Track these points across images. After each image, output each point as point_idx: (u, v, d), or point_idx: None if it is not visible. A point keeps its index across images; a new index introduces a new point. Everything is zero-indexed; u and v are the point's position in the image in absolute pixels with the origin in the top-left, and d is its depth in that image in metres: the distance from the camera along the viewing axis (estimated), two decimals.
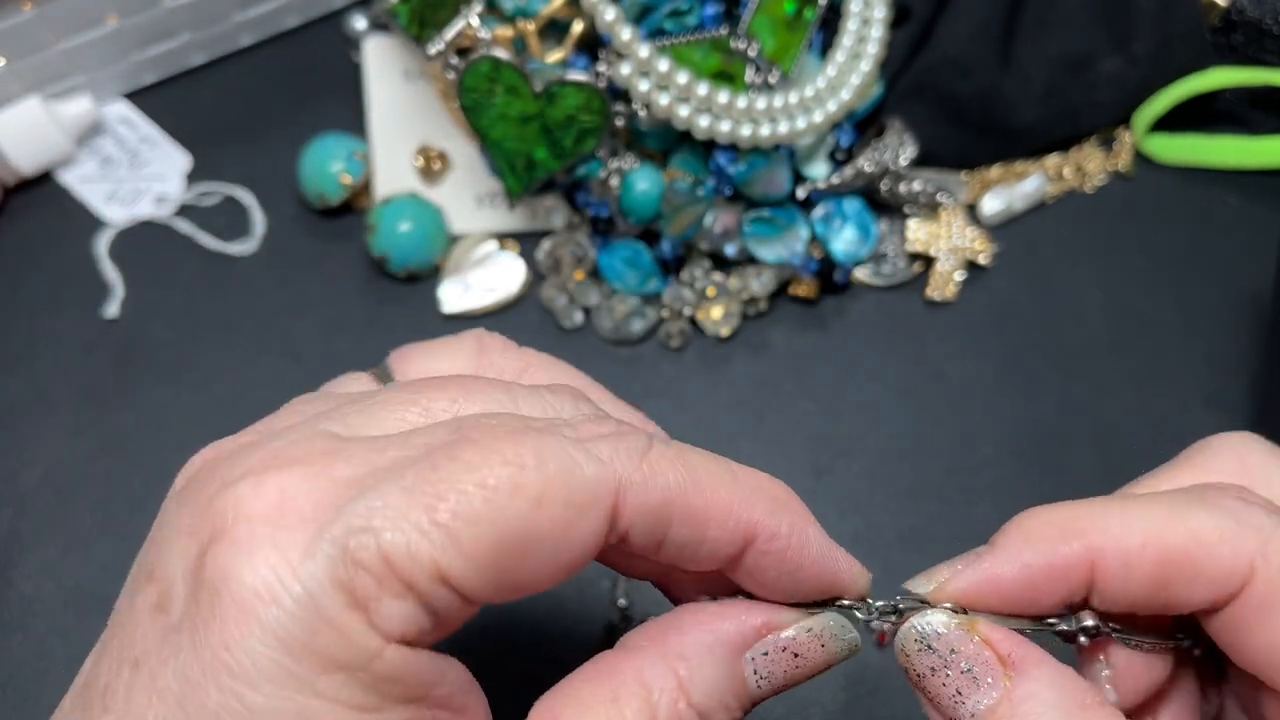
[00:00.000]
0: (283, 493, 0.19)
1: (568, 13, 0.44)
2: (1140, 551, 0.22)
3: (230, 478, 0.20)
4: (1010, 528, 0.24)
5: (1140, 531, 0.22)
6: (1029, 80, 0.49)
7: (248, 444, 0.22)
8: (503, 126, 0.43)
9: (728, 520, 0.22)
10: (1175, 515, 0.22)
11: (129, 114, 0.52)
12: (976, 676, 0.22)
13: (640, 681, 0.21)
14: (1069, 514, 0.23)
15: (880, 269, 0.48)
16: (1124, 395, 0.46)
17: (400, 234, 0.46)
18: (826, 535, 0.23)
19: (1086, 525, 0.23)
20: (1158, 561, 0.22)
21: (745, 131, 0.43)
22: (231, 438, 0.23)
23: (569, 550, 0.20)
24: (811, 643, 0.23)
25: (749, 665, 0.22)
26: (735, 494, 0.22)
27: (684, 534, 0.21)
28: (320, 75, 0.53)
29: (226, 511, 0.19)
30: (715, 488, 0.22)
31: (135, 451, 0.44)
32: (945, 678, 0.23)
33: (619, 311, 0.46)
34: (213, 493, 0.20)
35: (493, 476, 0.19)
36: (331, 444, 0.21)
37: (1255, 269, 0.48)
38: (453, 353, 0.27)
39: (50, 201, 0.50)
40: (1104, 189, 0.51)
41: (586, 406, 0.24)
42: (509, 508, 0.19)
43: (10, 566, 0.42)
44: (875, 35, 0.46)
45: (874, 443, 0.45)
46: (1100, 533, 0.22)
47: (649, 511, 0.21)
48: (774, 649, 0.23)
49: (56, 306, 0.47)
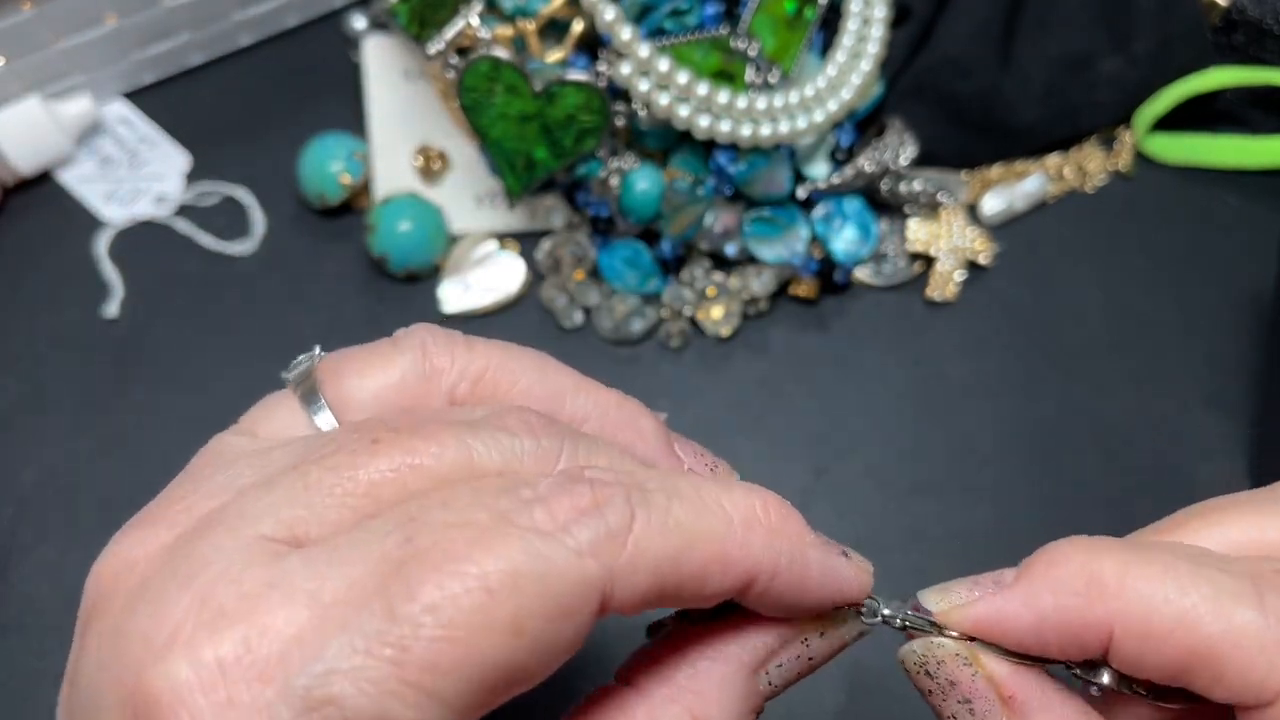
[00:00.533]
0: (222, 667, 0.17)
1: (568, 12, 0.44)
2: (1168, 634, 0.20)
3: (155, 641, 0.18)
4: (1040, 563, 0.22)
5: (1175, 613, 0.20)
6: (1029, 80, 0.49)
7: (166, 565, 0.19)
8: (502, 126, 0.43)
9: (726, 572, 0.20)
10: (1219, 604, 0.20)
11: (128, 114, 0.52)
12: (974, 710, 0.22)
13: None
14: (1104, 565, 0.21)
15: (880, 269, 0.48)
16: (1124, 395, 0.46)
17: (400, 234, 0.46)
18: (827, 547, 0.22)
19: (1118, 586, 0.20)
20: (1185, 650, 0.20)
21: (745, 131, 0.43)
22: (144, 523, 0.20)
23: (555, 660, 0.18)
24: (824, 647, 0.23)
25: (763, 678, 0.22)
26: (730, 541, 0.20)
27: (680, 593, 0.20)
28: (320, 75, 0.53)
29: (160, 696, 0.17)
30: (709, 542, 0.20)
31: (135, 451, 0.44)
32: (942, 701, 0.22)
33: (619, 311, 0.46)
34: (140, 662, 0.17)
35: (460, 614, 0.17)
36: (267, 574, 0.18)
37: (1256, 269, 0.49)
38: (390, 366, 0.24)
39: (49, 201, 0.50)
40: (1104, 189, 0.51)
41: (551, 440, 0.21)
42: (484, 646, 0.17)
43: (9, 567, 0.42)
44: (875, 35, 0.46)
45: (874, 442, 0.45)
46: (1130, 600, 0.20)
47: (640, 590, 0.19)
48: (787, 661, 0.22)
49: (56, 306, 0.47)
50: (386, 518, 0.19)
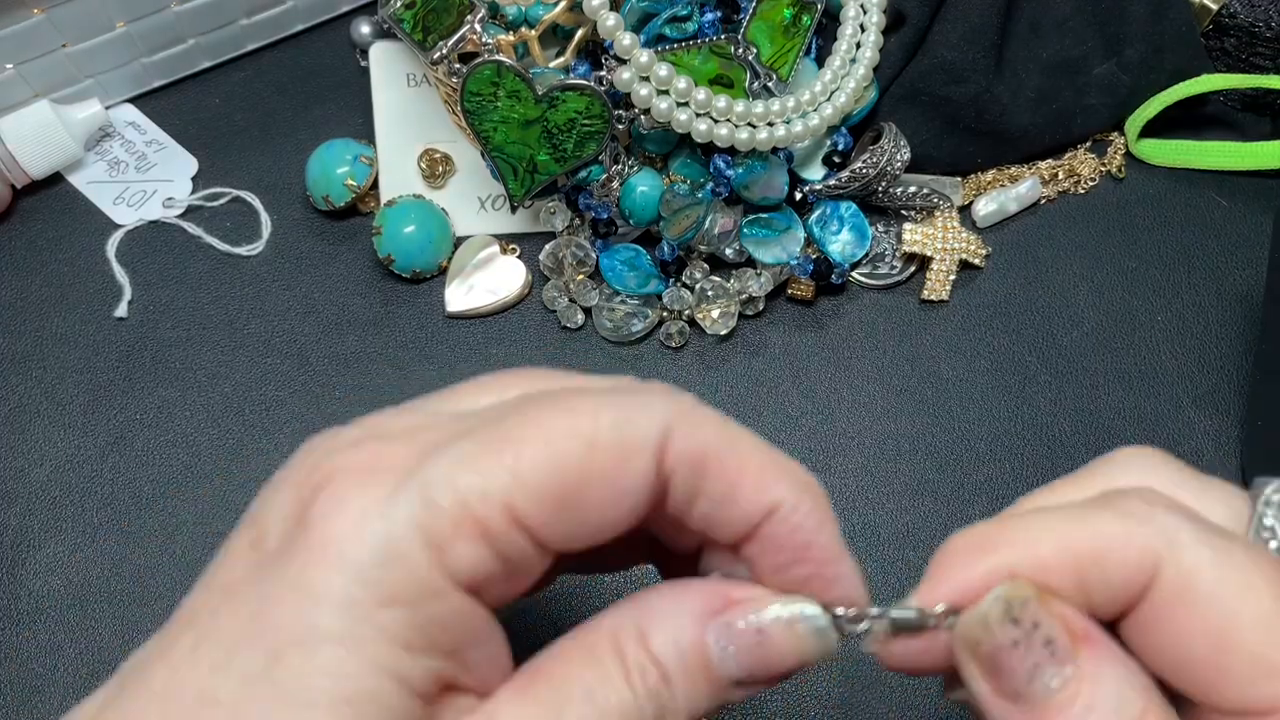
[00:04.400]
0: (379, 453, 0.22)
1: (569, 19, 0.45)
2: (1053, 559, 0.22)
3: (335, 446, 0.23)
4: (936, 555, 0.24)
5: (1050, 540, 0.23)
6: (1022, 85, 0.49)
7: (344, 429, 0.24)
8: (505, 131, 0.44)
9: (759, 483, 0.23)
10: (1081, 521, 0.23)
11: (137, 118, 0.52)
12: (1055, 650, 0.22)
13: (612, 633, 0.22)
14: (982, 532, 0.24)
15: (876, 270, 0.49)
16: (1116, 395, 0.46)
17: (405, 236, 0.47)
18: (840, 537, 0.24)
19: (998, 540, 0.23)
20: (1071, 567, 0.22)
21: (743, 136, 0.44)
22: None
23: (624, 489, 0.22)
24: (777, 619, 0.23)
25: (711, 634, 0.23)
26: (768, 462, 0.23)
27: (717, 489, 0.22)
28: (326, 80, 0.53)
29: (330, 469, 0.22)
30: (750, 452, 0.23)
31: (143, 450, 0.45)
32: (1026, 651, 0.22)
33: (619, 312, 0.47)
34: (319, 457, 0.22)
35: (552, 424, 0.21)
36: (422, 419, 0.23)
37: (1246, 270, 0.49)
38: None
39: (59, 204, 0.50)
40: (1096, 191, 0.51)
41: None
42: (568, 450, 0.21)
43: (19, 564, 0.42)
44: (871, 41, 0.47)
45: (869, 441, 0.45)
46: (1011, 545, 0.23)
47: (690, 459, 0.22)
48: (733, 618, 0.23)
49: (66, 307, 0.48)
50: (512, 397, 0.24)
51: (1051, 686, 0.22)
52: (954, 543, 0.24)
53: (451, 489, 0.21)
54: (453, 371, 0.47)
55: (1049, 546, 0.23)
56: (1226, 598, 0.22)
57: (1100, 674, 0.22)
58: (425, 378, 0.46)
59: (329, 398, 0.46)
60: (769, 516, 0.23)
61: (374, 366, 0.47)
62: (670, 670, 0.22)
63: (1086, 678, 0.22)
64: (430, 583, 0.20)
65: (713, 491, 0.23)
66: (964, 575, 0.23)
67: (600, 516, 0.22)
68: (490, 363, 0.47)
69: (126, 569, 0.42)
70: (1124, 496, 0.23)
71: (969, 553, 0.23)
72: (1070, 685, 0.22)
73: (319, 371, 0.47)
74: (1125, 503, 0.23)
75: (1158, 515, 0.22)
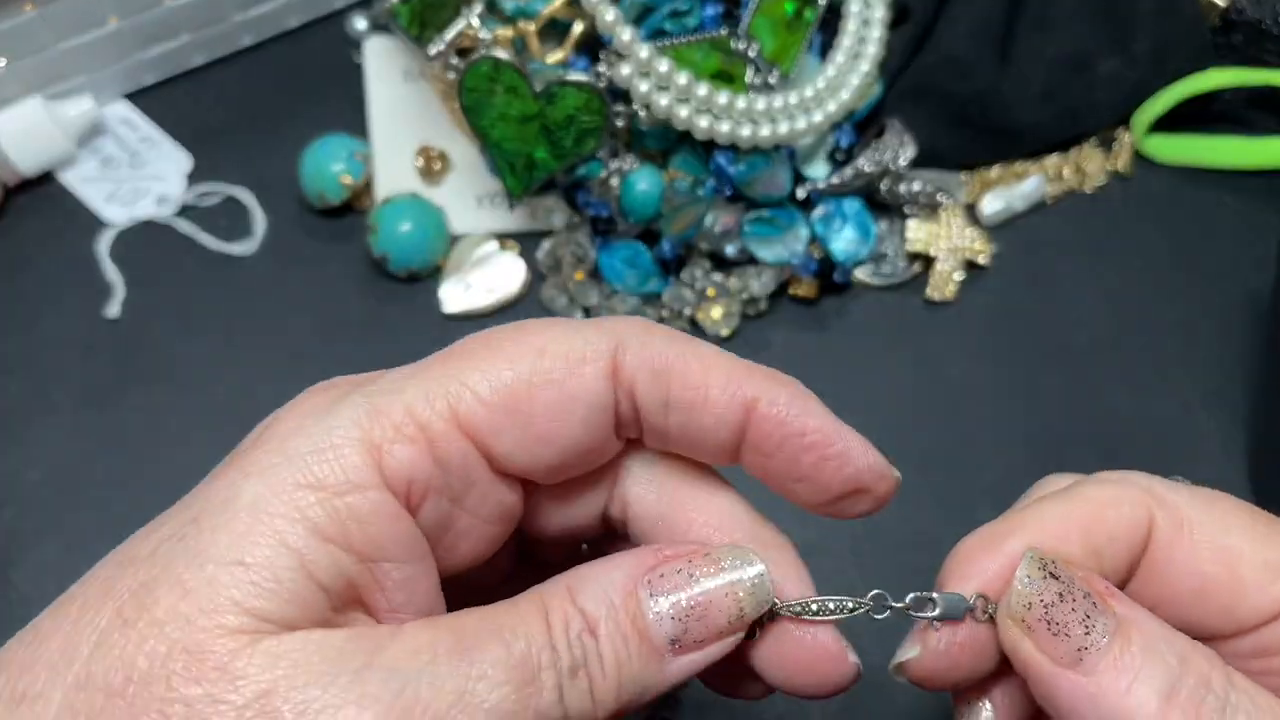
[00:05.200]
0: (341, 384, 0.23)
1: (568, 13, 0.44)
2: (1062, 532, 0.23)
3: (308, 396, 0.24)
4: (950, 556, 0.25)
5: (1054, 518, 0.24)
6: (1028, 81, 0.49)
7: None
8: (503, 127, 0.44)
9: (727, 384, 0.23)
10: (1076, 500, 0.24)
11: (129, 114, 0.52)
12: (1096, 604, 0.22)
13: (539, 594, 0.22)
14: (990, 528, 0.24)
15: (880, 269, 0.48)
16: (1123, 395, 0.46)
17: (401, 234, 0.46)
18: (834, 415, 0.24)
19: (1007, 531, 0.24)
20: (1079, 535, 0.23)
21: (745, 132, 0.43)
22: None
23: (574, 394, 0.22)
24: (706, 569, 0.22)
25: (644, 586, 0.22)
26: (735, 366, 0.23)
27: (685, 395, 0.23)
28: (321, 76, 0.53)
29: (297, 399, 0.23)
30: (714, 358, 0.23)
31: (136, 451, 0.44)
32: (1072, 606, 0.22)
33: (619, 312, 0.46)
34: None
35: (504, 340, 0.22)
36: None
37: (1254, 269, 0.49)
38: None
39: (51, 201, 0.50)
40: (1103, 189, 0.51)
41: None
42: (516, 358, 0.22)
43: (10, 566, 0.42)
44: (875, 36, 0.47)
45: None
46: (1023, 530, 0.24)
47: (649, 366, 0.23)
48: (667, 569, 0.22)
49: (57, 306, 0.47)
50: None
51: (1102, 643, 0.22)
52: (967, 543, 0.25)
53: (398, 395, 0.22)
54: None
55: (1055, 524, 0.24)
56: (1214, 522, 0.24)
57: (1138, 618, 0.22)
58: None
59: None
60: (751, 415, 0.23)
61: (369, 367, 0.46)
62: (598, 621, 0.21)
63: (1129, 624, 0.22)
64: (356, 474, 0.21)
65: (681, 398, 0.23)
66: (987, 565, 0.24)
67: (551, 426, 0.22)
68: None
69: None
70: (1095, 479, 0.25)
71: (984, 548, 0.24)
72: (1116, 637, 0.22)
73: (313, 372, 0.46)
74: (1103, 476, 0.25)
75: (1134, 478, 0.25)
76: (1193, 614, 0.24)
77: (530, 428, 0.22)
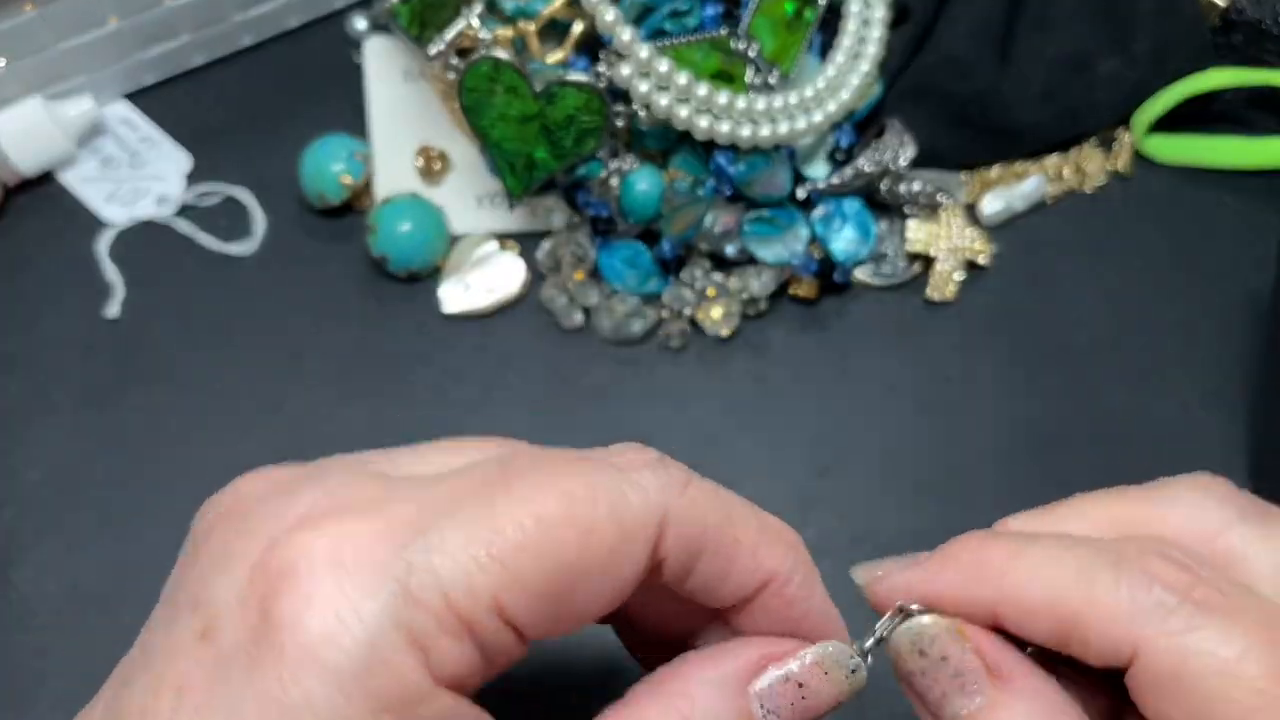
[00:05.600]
0: (345, 537, 0.20)
1: (568, 13, 0.44)
2: (1039, 610, 0.23)
3: (287, 519, 0.21)
4: (946, 549, 0.24)
5: (1043, 589, 0.22)
6: (1028, 81, 0.49)
7: (294, 479, 0.22)
8: (503, 127, 0.43)
9: (753, 559, 0.23)
10: (1082, 576, 0.22)
11: (129, 114, 0.52)
12: (965, 683, 0.23)
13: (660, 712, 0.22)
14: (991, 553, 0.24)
15: (880, 269, 0.48)
16: (1123, 395, 0.46)
17: (400, 234, 0.46)
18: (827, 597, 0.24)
19: (1001, 569, 0.23)
20: (1053, 622, 0.22)
21: (745, 132, 0.43)
22: (271, 468, 0.23)
23: (616, 578, 0.21)
24: (814, 671, 0.23)
25: (755, 701, 0.23)
26: (762, 535, 0.23)
27: (713, 567, 0.22)
28: (321, 76, 0.53)
29: (291, 556, 0.20)
30: (744, 524, 0.23)
31: (135, 451, 0.44)
32: (934, 680, 0.23)
33: (619, 312, 0.46)
34: (272, 534, 0.20)
35: (546, 509, 0.20)
36: (384, 486, 0.21)
37: (1254, 269, 0.49)
38: None
39: (51, 202, 0.50)
40: (1103, 189, 0.51)
41: None
42: (563, 539, 0.20)
43: (10, 566, 0.42)
44: (875, 35, 0.47)
45: (874, 442, 0.45)
46: (1004, 582, 0.23)
47: (687, 541, 0.22)
48: (777, 680, 0.23)
49: (57, 306, 0.47)
50: (487, 458, 0.22)
51: (960, 715, 0.23)
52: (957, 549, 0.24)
53: (436, 583, 0.19)
54: (449, 372, 0.46)
55: (1038, 596, 0.23)
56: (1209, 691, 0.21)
57: (1009, 707, 0.22)
58: (421, 378, 0.46)
59: (323, 398, 0.46)
60: (764, 588, 0.23)
61: (369, 367, 0.46)
62: None
63: (997, 708, 0.22)
64: (417, 686, 0.19)
65: (707, 570, 0.22)
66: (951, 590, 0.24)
67: (588, 604, 0.21)
68: (487, 364, 0.46)
69: (118, 571, 0.42)
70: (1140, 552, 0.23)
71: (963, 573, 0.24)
72: (982, 714, 0.22)
73: (312, 372, 0.46)
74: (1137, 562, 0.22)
75: (1155, 592, 0.22)
76: None
77: (568, 610, 0.21)
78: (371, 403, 0.45)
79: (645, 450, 0.23)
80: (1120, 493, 0.26)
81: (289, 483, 0.22)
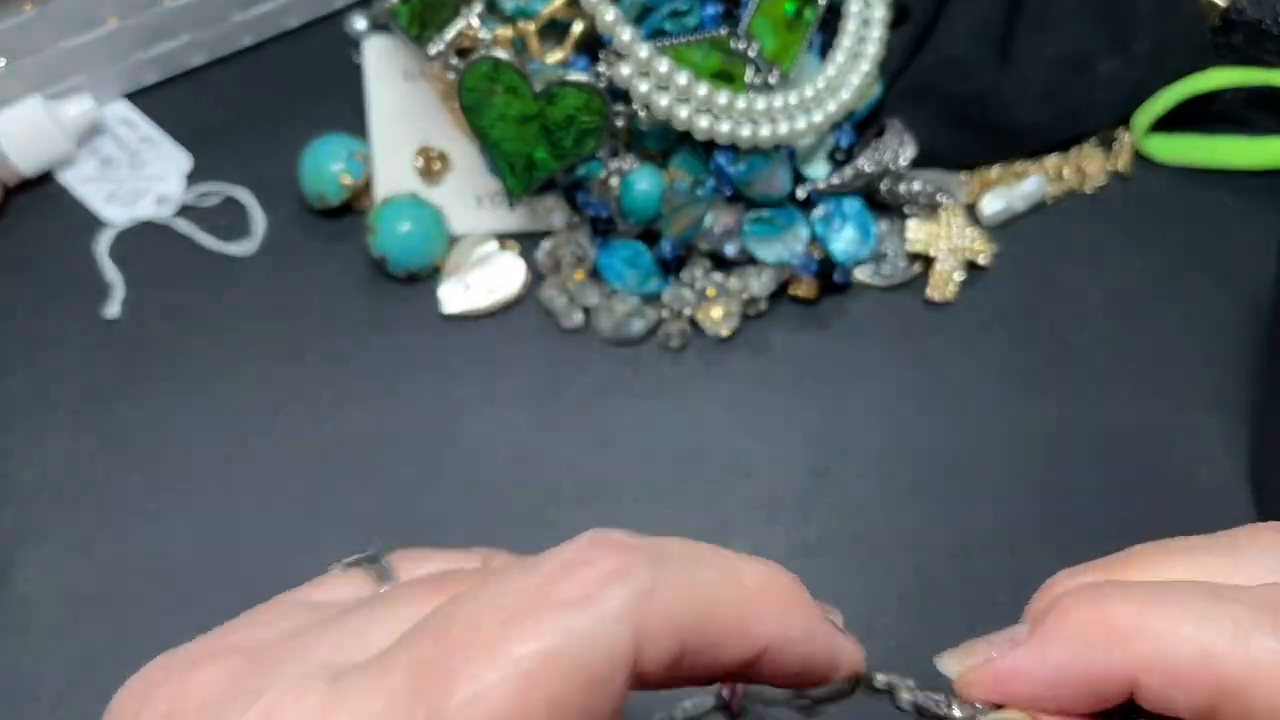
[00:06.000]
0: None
1: (568, 13, 0.44)
2: (1193, 673, 0.19)
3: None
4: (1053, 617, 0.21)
5: (1196, 651, 0.19)
6: (1028, 81, 0.49)
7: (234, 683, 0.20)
8: (503, 127, 0.43)
9: (743, 640, 0.21)
10: (1239, 637, 0.19)
11: (129, 114, 0.52)
12: None
13: None
14: (1117, 612, 0.20)
15: (880, 269, 0.48)
16: (1123, 395, 0.46)
17: (400, 234, 0.46)
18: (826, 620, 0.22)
19: (1136, 631, 0.19)
20: (1212, 686, 0.19)
21: (745, 132, 0.43)
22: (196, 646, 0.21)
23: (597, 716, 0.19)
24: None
25: None
26: (748, 611, 0.21)
27: (698, 661, 0.20)
28: (320, 76, 0.53)
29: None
30: (728, 609, 0.20)
31: (135, 452, 0.44)
32: None
33: (619, 312, 0.46)
34: None
35: (499, 702, 0.18)
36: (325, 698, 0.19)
37: (1255, 269, 0.48)
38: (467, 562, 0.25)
39: (51, 202, 0.50)
40: (1104, 189, 0.51)
41: None
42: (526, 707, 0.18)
43: (10, 566, 0.42)
44: (875, 35, 0.47)
45: (874, 443, 0.45)
46: (1150, 643, 0.19)
47: (666, 649, 0.20)
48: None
49: (57, 307, 0.47)
50: (422, 622, 0.19)
51: None
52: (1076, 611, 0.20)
53: None
54: (449, 372, 0.46)
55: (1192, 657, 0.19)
56: None
57: None
58: (421, 378, 0.46)
59: (322, 398, 0.46)
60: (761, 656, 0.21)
61: (369, 367, 0.46)
62: None
63: None
64: None
65: (695, 662, 0.20)
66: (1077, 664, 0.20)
67: None
68: (487, 364, 0.46)
69: (118, 572, 0.42)
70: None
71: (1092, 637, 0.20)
72: None
73: (312, 372, 0.46)
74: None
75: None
76: None
77: None
78: (371, 403, 0.45)
79: (601, 547, 0.20)
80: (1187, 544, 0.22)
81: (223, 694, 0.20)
